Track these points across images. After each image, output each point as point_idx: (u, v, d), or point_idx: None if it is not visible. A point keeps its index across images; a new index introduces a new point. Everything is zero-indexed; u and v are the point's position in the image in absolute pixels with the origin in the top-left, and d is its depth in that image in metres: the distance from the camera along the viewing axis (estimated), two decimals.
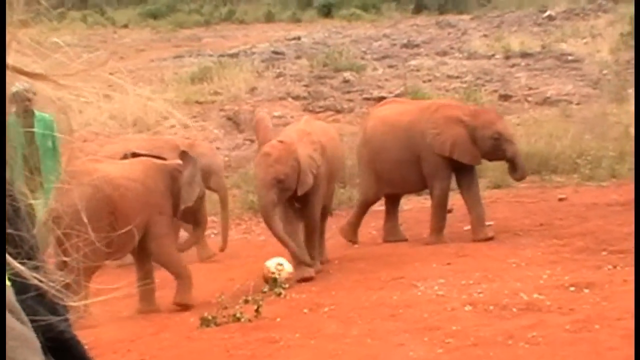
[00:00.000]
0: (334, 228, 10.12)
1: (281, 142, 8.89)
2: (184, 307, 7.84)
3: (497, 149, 9.92)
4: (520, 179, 10.47)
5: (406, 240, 10.01)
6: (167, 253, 8.10)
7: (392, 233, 10.11)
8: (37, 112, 9.14)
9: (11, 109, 8.62)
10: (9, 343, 0.58)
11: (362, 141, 10.48)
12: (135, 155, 8.61)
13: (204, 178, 9.93)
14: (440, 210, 9.90)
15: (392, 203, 10.36)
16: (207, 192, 9.89)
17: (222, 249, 10.12)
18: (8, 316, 0.60)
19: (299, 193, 8.72)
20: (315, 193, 8.94)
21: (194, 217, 8.98)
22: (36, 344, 0.61)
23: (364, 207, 10.28)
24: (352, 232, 10.15)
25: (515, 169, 10.13)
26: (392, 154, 10.00)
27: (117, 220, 7.68)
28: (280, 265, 8.31)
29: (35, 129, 8.91)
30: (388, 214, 10.28)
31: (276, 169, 8.57)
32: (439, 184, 9.92)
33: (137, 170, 8.13)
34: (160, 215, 8.00)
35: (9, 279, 0.67)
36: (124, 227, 7.68)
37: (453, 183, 10.19)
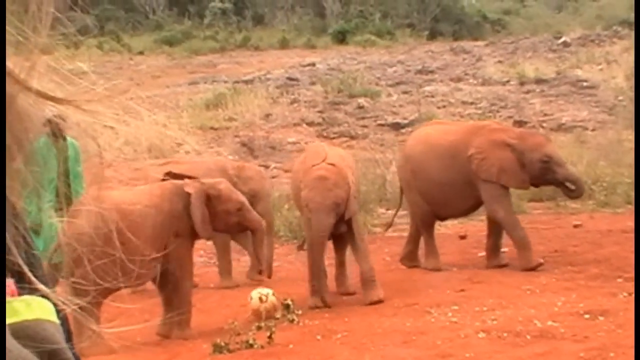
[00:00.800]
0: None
1: (333, 165, 8.71)
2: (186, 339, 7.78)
3: (546, 172, 9.43)
4: (577, 197, 10.02)
5: (418, 266, 9.86)
6: (180, 277, 8.06)
7: (409, 258, 9.97)
8: (68, 137, 9.25)
9: (43, 131, 8.73)
10: None
11: (401, 162, 10.29)
12: (172, 175, 8.57)
13: (251, 202, 9.67)
14: (516, 230, 9.38)
15: (425, 227, 10.00)
16: None
17: (268, 276, 9.83)
18: (8, 339, 0.58)
19: (346, 217, 8.61)
20: (357, 216, 8.96)
21: (242, 228, 8.69)
22: None
23: (419, 229, 9.97)
24: (412, 258, 9.94)
25: (571, 190, 9.61)
26: (433, 174, 9.75)
27: (127, 247, 7.64)
28: (265, 296, 8.29)
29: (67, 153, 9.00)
30: (411, 237, 10.03)
31: (335, 194, 8.46)
32: (500, 207, 9.47)
33: (153, 194, 8.05)
34: (177, 238, 7.90)
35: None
36: (136, 254, 7.67)
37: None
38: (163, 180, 8.49)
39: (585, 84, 21.28)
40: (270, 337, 7.00)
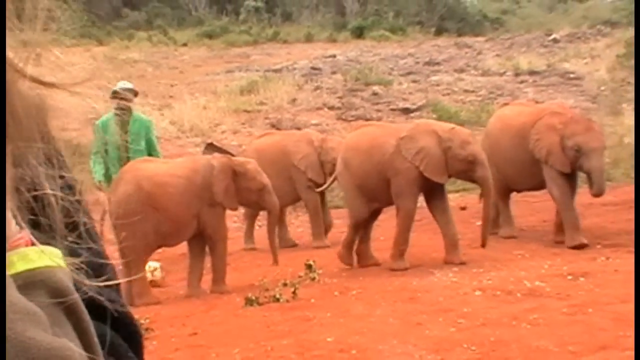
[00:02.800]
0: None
1: None
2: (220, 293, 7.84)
3: (575, 161, 8.87)
4: (595, 195, 8.89)
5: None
6: (220, 230, 8.03)
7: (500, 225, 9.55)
8: (134, 113, 9.12)
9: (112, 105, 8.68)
10: (9, 316, 0.55)
11: (483, 138, 9.88)
12: (212, 147, 8.59)
13: (332, 170, 9.79)
14: (568, 211, 8.81)
15: (501, 198, 9.57)
16: None
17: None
18: (11, 292, 0.57)
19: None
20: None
21: (259, 207, 8.67)
22: (41, 318, 0.58)
23: (499, 199, 9.55)
24: (509, 227, 9.60)
25: (591, 184, 8.87)
26: (506, 152, 9.42)
27: (160, 213, 7.71)
28: (154, 268, 8.51)
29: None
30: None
31: None
32: (555, 187, 9.02)
33: (186, 167, 8.04)
34: (210, 208, 7.89)
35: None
36: (169, 219, 7.74)
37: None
38: (204, 153, 8.52)
39: (572, 75, 21.09)
40: (294, 292, 7.04)
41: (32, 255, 0.62)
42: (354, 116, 18.58)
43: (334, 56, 25.44)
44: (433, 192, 8.41)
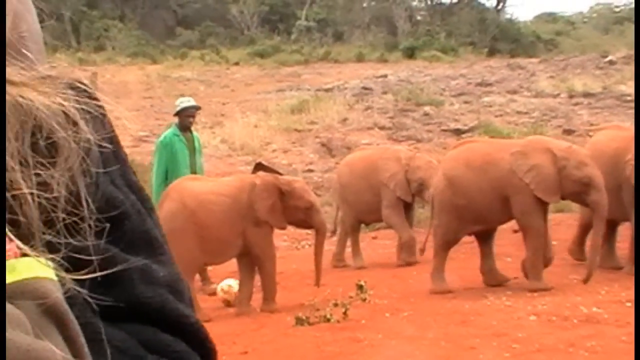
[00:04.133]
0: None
1: None
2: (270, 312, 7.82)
3: None
4: None
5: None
6: (266, 250, 7.99)
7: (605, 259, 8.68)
8: (194, 131, 9.32)
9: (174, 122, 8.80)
10: None
11: None
12: (261, 167, 8.59)
13: (418, 190, 9.84)
14: None
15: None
16: None
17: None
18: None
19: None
20: None
21: (307, 226, 8.54)
22: (22, 320, 0.57)
23: (584, 226, 8.97)
24: (578, 251, 9.20)
25: None
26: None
27: (204, 230, 7.73)
28: (229, 286, 8.37)
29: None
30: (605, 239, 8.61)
31: None
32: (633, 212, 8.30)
33: (231, 186, 8.03)
34: (256, 227, 7.82)
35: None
36: (213, 237, 7.75)
37: None
38: (253, 172, 8.53)
39: (628, 98, 20.77)
40: (345, 313, 6.99)
41: (19, 267, 0.61)
42: (405, 136, 18.53)
43: (385, 76, 25.44)
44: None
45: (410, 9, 39.62)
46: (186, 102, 9.27)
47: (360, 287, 7.69)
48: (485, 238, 8.50)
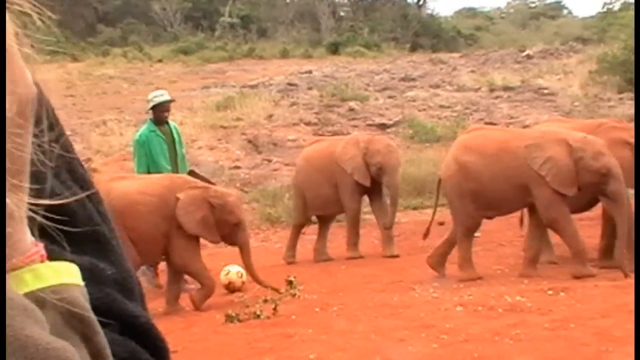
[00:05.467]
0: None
1: None
2: (195, 304, 7.74)
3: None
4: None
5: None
6: (188, 264, 7.79)
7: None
8: (170, 121, 9.09)
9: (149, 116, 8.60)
10: (8, 312, 0.52)
11: None
12: (193, 175, 8.40)
13: (378, 175, 9.46)
14: None
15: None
16: None
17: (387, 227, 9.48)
18: (9, 288, 0.54)
19: None
20: None
21: (231, 242, 8.09)
22: (39, 316, 0.54)
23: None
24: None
25: None
26: None
27: (131, 233, 7.57)
28: (240, 272, 8.24)
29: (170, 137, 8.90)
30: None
31: None
32: None
33: (159, 184, 7.84)
34: (178, 229, 7.61)
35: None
36: (142, 238, 7.60)
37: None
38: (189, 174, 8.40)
39: (545, 91, 21.26)
40: (275, 309, 6.98)
41: (45, 272, 0.58)
42: (331, 132, 18.58)
43: (310, 72, 25.48)
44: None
45: (333, 4, 39.80)
46: (160, 96, 8.99)
47: (290, 283, 7.69)
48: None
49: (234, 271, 8.35)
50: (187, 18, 37.68)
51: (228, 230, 7.80)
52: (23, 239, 0.59)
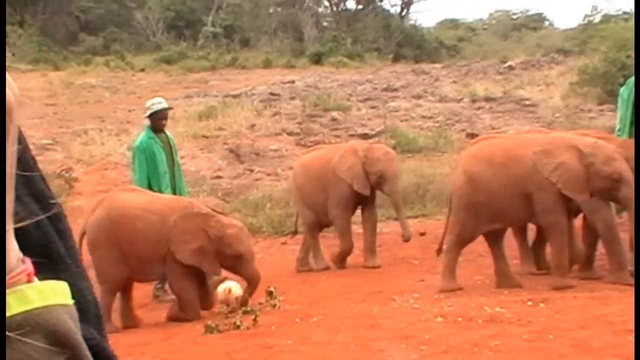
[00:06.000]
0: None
1: None
2: (169, 317, 7.71)
3: None
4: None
5: None
6: (180, 293, 7.68)
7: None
8: (166, 130, 9.05)
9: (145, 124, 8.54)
10: None
11: None
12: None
13: (378, 182, 9.32)
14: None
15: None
16: None
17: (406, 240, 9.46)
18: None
19: None
20: None
21: (239, 274, 7.88)
22: None
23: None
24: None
25: None
26: None
27: (124, 245, 7.52)
28: (228, 289, 7.84)
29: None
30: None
31: None
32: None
33: (164, 204, 7.68)
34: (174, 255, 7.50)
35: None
36: (134, 253, 7.54)
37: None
38: None
39: (527, 102, 21.38)
40: (255, 320, 6.97)
41: (29, 294, 0.57)
42: (313, 142, 18.57)
43: (293, 82, 25.51)
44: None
45: (316, 15, 39.89)
46: (158, 104, 8.95)
47: (270, 294, 7.68)
48: (495, 239, 8.19)
49: (235, 290, 7.86)
50: (170, 27, 37.63)
51: (230, 262, 7.59)
52: (9, 256, 0.57)
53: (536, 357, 5.44)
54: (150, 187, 8.49)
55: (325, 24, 40.93)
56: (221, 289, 7.72)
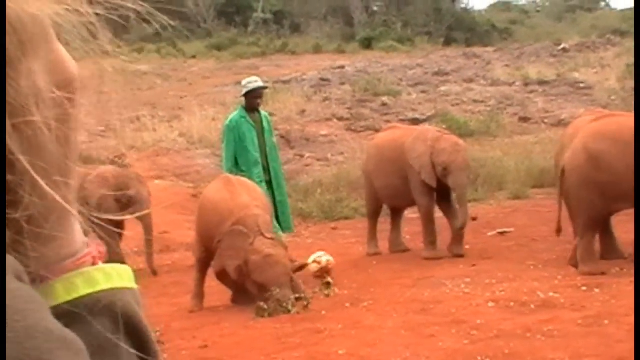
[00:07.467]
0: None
1: None
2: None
3: None
4: None
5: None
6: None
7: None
8: (262, 110, 9.05)
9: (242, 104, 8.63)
10: (44, 345, 0.48)
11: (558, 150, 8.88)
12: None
13: (443, 175, 8.83)
14: None
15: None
16: None
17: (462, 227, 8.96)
18: (47, 317, 0.50)
19: None
20: None
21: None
22: (79, 345, 0.51)
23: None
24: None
25: None
26: None
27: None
28: (319, 257, 8.09)
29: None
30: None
31: None
32: None
33: (228, 200, 7.57)
34: None
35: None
36: (199, 236, 7.83)
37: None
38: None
39: (582, 85, 21.02)
40: (306, 305, 6.97)
41: (96, 276, 0.57)
42: (363, 127, 18.55)
43: (343, 67, 25.44)
44: None
45: None
46: (254, 82, 8.95)
47: (327, 285, 7.63)
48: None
49: (324, 259, 8.14)
50: (221, 14, 37.79)
51: (255, 289, 7.18)
52: (73, 239, 0.57)
53: (591, 343, 5.36)
54: (237, 166, 8.52)
55: (375, 8, 40.66)
56: (314, 264, 7.90)
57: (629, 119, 7.59)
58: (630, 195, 7.25)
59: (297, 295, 7.11)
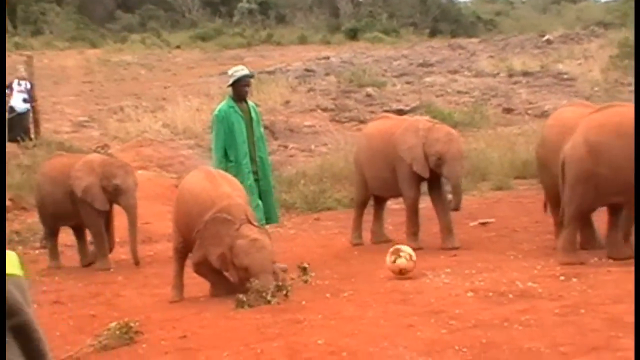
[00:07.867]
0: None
1: None
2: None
3: None
4: None
5: None
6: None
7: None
8: (249, 101, 8.90)
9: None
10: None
11: (539, 142, 8.83)
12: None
13: (437, 165, 8.80)
14: None
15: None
16: None
17: (456, 209, 9.00)
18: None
19: None
20: None
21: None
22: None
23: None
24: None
25: None
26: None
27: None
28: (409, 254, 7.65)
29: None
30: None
31: None
32: None
33: (208, 191, 7.53)
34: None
35: None
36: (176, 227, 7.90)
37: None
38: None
39: (565, 76, 21.11)
40: (286, 295, 6.98)
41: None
42: (348, 118, 18.57)
43: (328, 58, 25.44)
44: None
45: None
46: (240, 70, 8.78)
47: (303, 270, 7.66)
48: (616, 208, 7.68)
49: (403, 254, 7.68)
50: (206, 4, 37.68)
51: (241, 274, 7.15)
52: None
53: (567, 332, 5.40)
54: (227, 157, 8.47)
55: None
56: (400, 258, 7.59)
57: (630, 109, 7.38)
58: (626, 189, 7.14)
59: (276, 284, 7.11)
